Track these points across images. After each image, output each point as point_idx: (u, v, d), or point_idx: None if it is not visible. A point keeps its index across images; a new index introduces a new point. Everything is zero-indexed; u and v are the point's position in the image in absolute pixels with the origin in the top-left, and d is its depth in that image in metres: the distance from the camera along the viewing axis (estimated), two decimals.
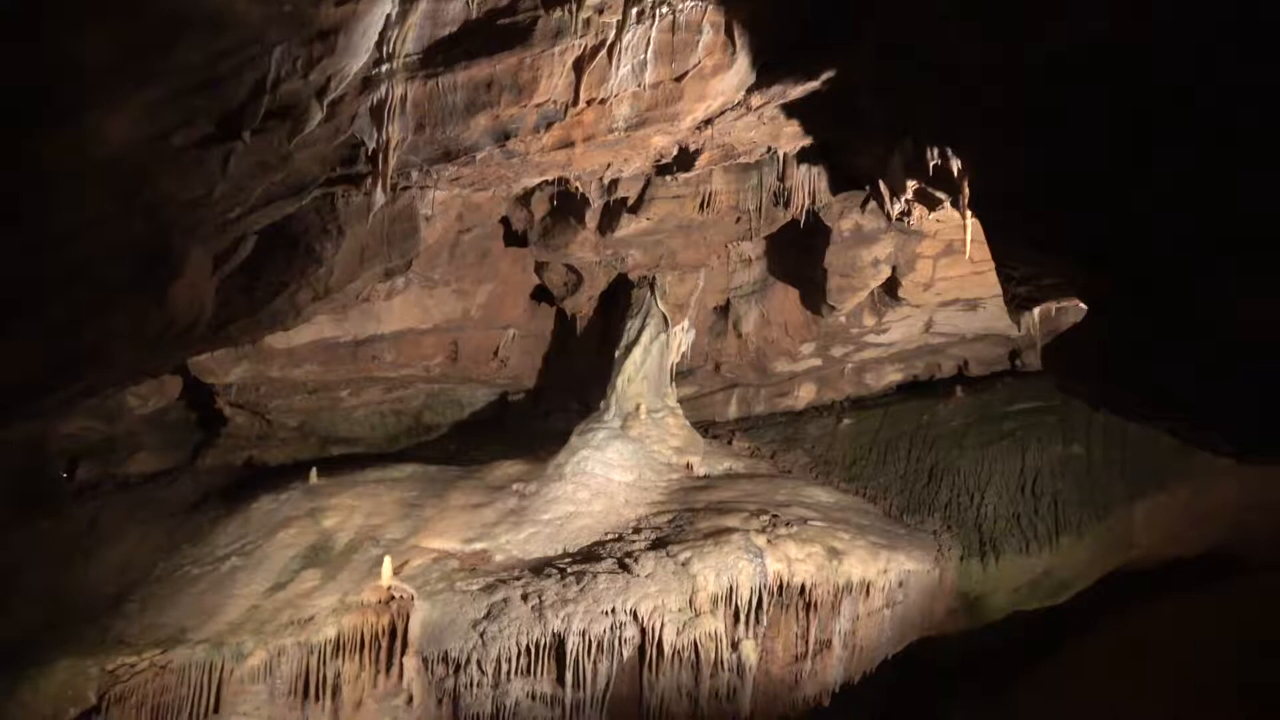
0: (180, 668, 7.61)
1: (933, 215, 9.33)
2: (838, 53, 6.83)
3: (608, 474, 10.28)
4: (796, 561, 8.48)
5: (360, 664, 8.04)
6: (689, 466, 11.03)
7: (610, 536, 9.25)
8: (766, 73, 7.09)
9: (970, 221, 8.01)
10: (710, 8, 6.52)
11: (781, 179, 9.74)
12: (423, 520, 9.58)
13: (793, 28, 6.79)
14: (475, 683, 7.93)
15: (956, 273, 11.01)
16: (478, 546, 9.11)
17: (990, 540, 9.59)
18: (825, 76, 7.15)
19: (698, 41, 6.65)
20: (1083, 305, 5.57)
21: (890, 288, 11.44)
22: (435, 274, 11.12)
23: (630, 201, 10.15)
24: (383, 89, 6.22)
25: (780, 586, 8.39)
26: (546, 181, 9.08)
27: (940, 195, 8.33)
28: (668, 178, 9.48)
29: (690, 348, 12.33)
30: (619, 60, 6.57)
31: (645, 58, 6.66)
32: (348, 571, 8.69)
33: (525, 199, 10.50)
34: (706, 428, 13.02)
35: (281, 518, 9.71)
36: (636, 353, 11.64)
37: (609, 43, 6.50)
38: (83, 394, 7.78)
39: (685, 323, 12.09)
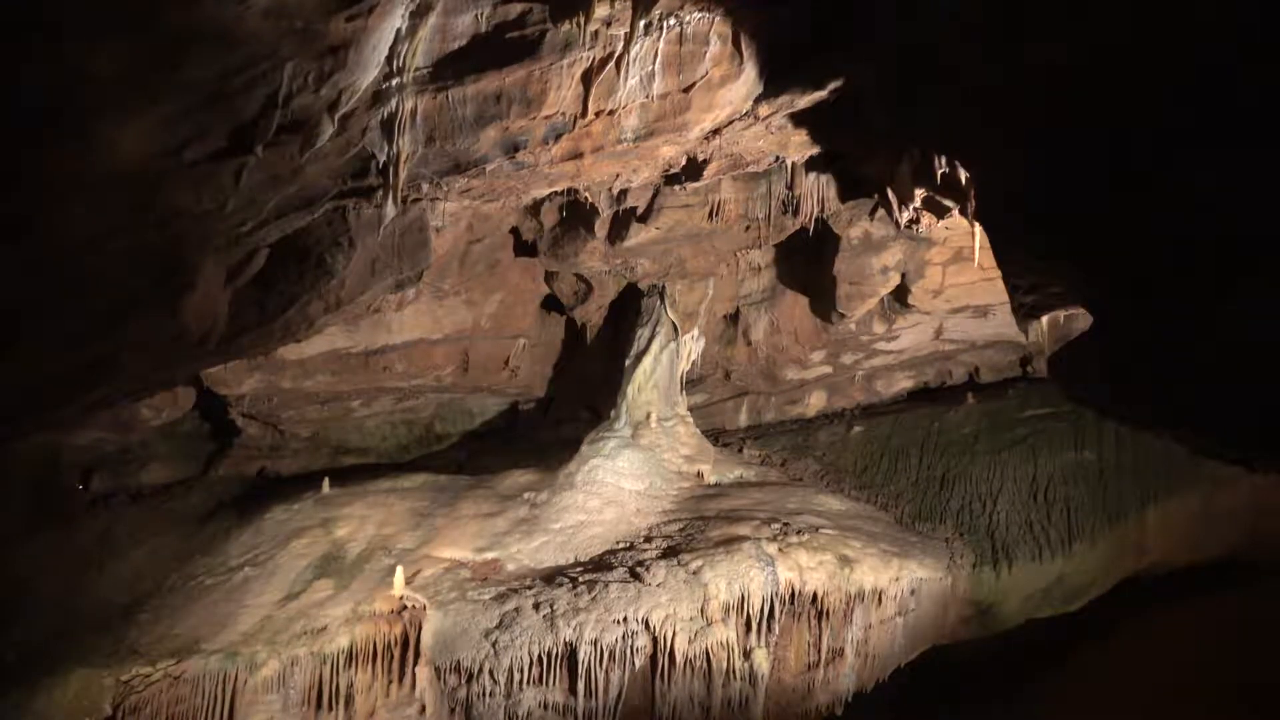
0: (194, 678, 7.67)
1: (942, 222, 9.32)
2: (844, 60, 6.84)
3: (618, 482, 10.29)
4: (808, 570, 8.48)
5: (373, 673, 8.07)
6: (700, 475, 11.03)
7: (621, 545, 9.26)
8: (774, 82, 7.09)
9: (979, 229, 8.00)
10: (718, 19, 6.52)
11: (790, 187, 9.75)
12: (434, 530, 9.61)
13: (800, 37, 6.81)
14: (487, 692, 7.96)
15: (966, 279, 10.99)
16: (489, 556, 9.14)
17: (1003, 547, 9.56)
18: (833, 86, 7.16)
19: (705, 53, 6.66)
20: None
21: (900, 295, 11.43)
22: (445, 284, 11.15)
23: (639, 211, 10.17)
24: (393, 103, 6.24)
25: (792, 595, 8.39)
26: (556, 192, 9.09)
27: (948, 203, 8.33)
28: (676, 187, 9.49)
29: (700, 356, 12.35)
30: (627, 72, 6.59)
31: (653, 69, 6.67)
32: (360, 581, 8.72)
33: (535, 209, 10.54)
34: (717, 436, 13.03)
35: (294, 528, 9.76)
36: (646, 361, 11.66)
37: (617, 55, 6.50)
38: (96, 405, 7.82)
39: (695, 331, 12.11)
